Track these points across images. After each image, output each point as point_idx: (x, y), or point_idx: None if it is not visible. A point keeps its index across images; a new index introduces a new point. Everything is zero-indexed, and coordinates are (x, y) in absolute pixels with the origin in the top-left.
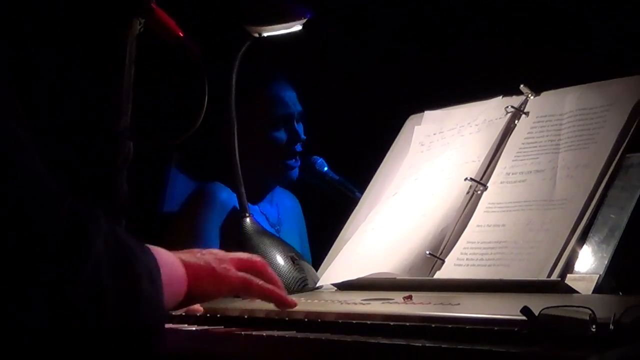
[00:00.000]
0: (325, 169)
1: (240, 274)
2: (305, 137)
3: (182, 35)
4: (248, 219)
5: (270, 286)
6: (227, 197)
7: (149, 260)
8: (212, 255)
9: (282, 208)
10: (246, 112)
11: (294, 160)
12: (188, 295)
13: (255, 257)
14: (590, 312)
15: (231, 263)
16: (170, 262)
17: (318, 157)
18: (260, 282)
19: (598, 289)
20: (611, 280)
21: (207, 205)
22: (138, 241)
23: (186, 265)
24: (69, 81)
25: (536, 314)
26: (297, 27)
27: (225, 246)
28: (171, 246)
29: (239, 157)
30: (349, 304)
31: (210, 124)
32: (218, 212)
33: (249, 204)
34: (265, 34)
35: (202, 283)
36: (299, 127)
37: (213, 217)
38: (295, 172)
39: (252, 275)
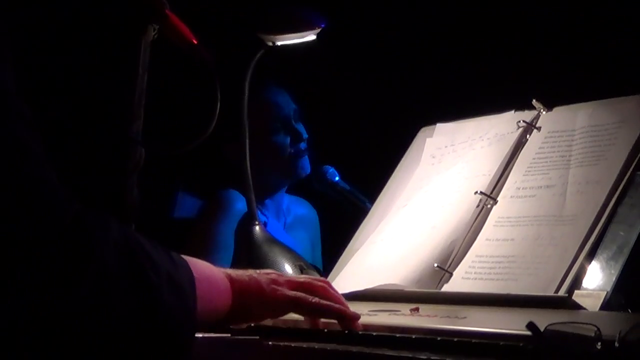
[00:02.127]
0: (337, 178)
1: (292, 293)
2: (307, 136)
3: (195, 42)
4: (257, 227)
5: (325, 302)
6: (242, 205)
7: (179, 271)
8: (266, 276)
9: (294, 215)
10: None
11: (301, 156)
12: (232, 312)
13: (316, 281)
14: (595, 328)
15: (285, 284)
16: (210, 275)
17: (329, 167)
18: (315, 299)
19: (605, 306)
20: (619, 297)
21: (223, 211)
22: (169, 252)
23: (232, 281)
24: (82, 86)
25: (542, 329)
26: (311, 36)
27: (236, 254)
28: (191, 254)
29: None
30: None
31: (215, 141)
32: (234, 218)
33: (258, 212)
34: (279, 43)
35: (247, 301)
36: (299, 127)
37: (228, 224)
38: (306, 165)
39: (308, 294)
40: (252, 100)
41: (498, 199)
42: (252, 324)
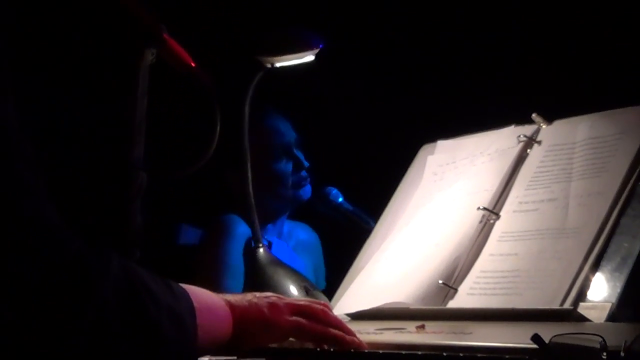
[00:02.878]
0: (340, 199)
1: (293, 318)
2: (308, 164)
3: (193, 65)
4: (262, 249)
5: (325, 328)
6: (244, 228)
7: (179, 302)
8: (266, 300)
9: (296, 240)
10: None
11: (302, 184)
12: (234, 338)
13: (316, 304)
14: (601, 339)
15: (286, 308)
16: (211, 303)
17: (333, 188)
18: (315, 325)
19: (611, 317)
20: (625, 308)
21: (227, 235)
22: (170, 282)
23: (232, 307)
24: (83, 112)
25: (547, 341)
26: (309, 57)
27: (246, 276)
28: (200, 280)
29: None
30: (362, 333)
31: (217, 169)
32: (238, 241)
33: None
34: (278, 65)
35: (249, 327)
36: (299, 154)
37: (234, 246)
38: (308, 190)
39: (309, 319)
40: (253, 127)
41: (501, 214)
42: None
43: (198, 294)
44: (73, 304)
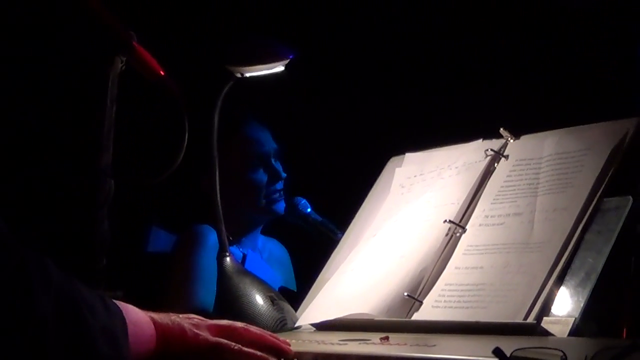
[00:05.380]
0: (309, 210)
1: (213, 339)
2: (285, 175)
3: (162, 73)
4: (228, 259)
5: (248, 349)
6: (216, 239)
7: (113, 320)
8: (188, 320)
9: (269, 253)
10: (222, 155)
11: (277, 196)
12: (156, 354)
13: (237, 323)
14: (561, 354)
15: (207, 329)
16: (138, 320)
17: (301, 198)
18: (237, 346)
19: (574, 332)
20: (589, 323)
21: (199, 245)
22: (104, 298)
23: (156, 325)
24: (50, 118)
25: (508, 355)
26: (279, 67)
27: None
28: (169, 289)
29: (221, 200)
30: (326, 344)
31: (190, 173)
32: (211, 252)
33: (235, 247)
34: (247, 75)
35: (171, 345)
36: (277, 165)
37: (207, 256)
38: (282, 205)
39: (231, 340)
40: (232, 134)
41: (467, 227)
42: None
43: (129, 311)
44: (12, 314)
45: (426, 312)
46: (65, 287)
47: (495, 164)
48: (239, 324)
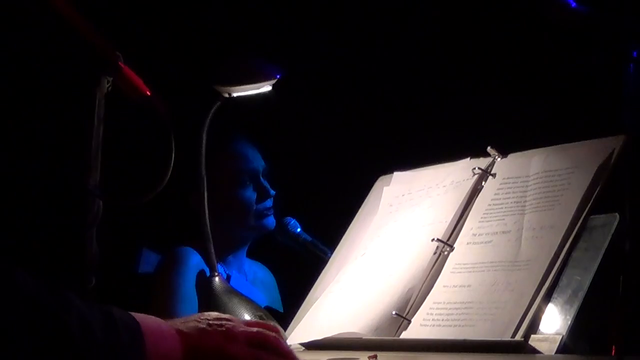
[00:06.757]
0: (299, 229)
1: (252, 350)
2: (274, 192)
3: (149, 94)
4: (217, 278)
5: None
6: (197, 260)
7: (118, 335)
8: (221, 328)
9: (254, 276)
10: (210, 172)
11: (266, 213)
12: None
13: (267, 329)
14: None
15: (242, 336)
16: (159, 333)
17: (291, 218)
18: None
19: (562, 350)
20: (576, 341)
21: (179, 266)
22: (112, 313)
23: (183, 337)
24: (38, 139)
25: None
26: (267, 87)
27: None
28: (155, 309)
29: (210, 218)
30: None
31: (178, 191)
32: (191, 272)
33: (220, 267)
34: (235, 94)
35: (203, 357)
36: (266, 183)
37: (187, 277)
38: (271, 220)
39: (266, 351)
40: (221, 151)
41: (455, 245)
42: None
43: (149, 323)
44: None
45: (414, 331)
46: (82, 312)
47: (483, 182)
48: (271, 333)
